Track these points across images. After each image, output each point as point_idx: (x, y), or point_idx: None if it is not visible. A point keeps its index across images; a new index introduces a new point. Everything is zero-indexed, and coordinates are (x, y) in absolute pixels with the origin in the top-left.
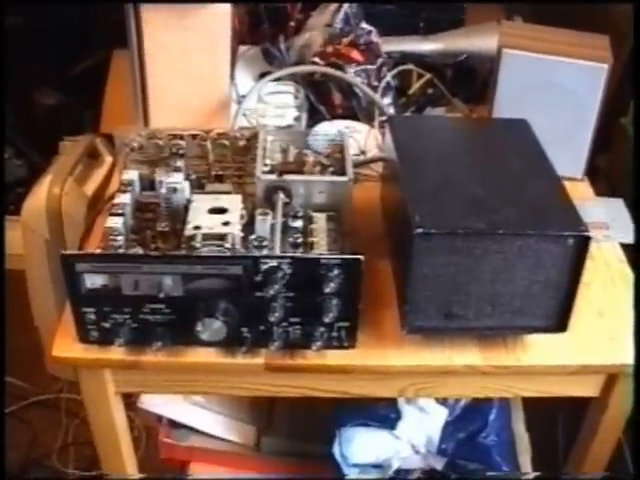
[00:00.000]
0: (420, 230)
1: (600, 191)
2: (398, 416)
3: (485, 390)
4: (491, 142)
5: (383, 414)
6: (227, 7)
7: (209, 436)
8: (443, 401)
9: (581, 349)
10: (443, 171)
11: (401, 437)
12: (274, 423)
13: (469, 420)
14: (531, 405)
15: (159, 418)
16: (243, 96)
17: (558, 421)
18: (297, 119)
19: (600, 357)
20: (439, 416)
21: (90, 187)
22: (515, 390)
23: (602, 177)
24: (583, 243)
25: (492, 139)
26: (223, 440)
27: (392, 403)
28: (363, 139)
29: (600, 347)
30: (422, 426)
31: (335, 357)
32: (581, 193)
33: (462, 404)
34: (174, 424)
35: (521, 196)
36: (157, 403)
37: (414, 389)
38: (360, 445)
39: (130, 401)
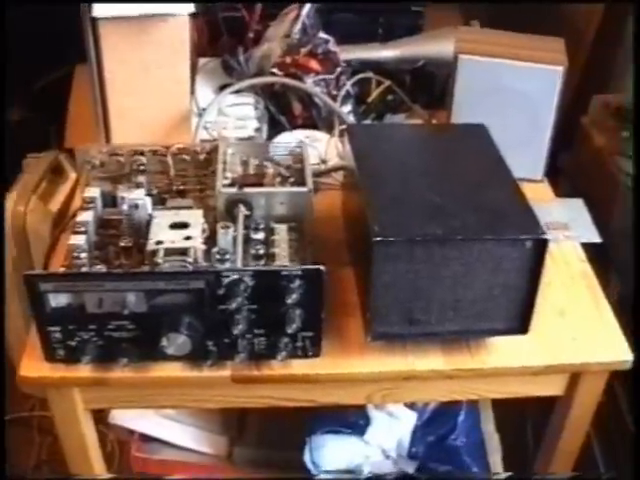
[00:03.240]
0: (379, 238)
1: (563, 191)
2: (367, 422)
3: (451, 393)
4: (449, 148)
5: (353, 420)
6: (185, 20)
7: (181, 448)
8: (412, 405)
9: (544, 350)
10: (402, 178)
11: (371, 442)
12: (246, 433)
13: (438, 423)
14: (500, 405)
15: (131, 432)
16: (204, 109)
17: (527, 420)
18: (258, 130)
19: (563, 357)
20: (408, 420)
21: (55, 203)
22: (480, 392)
23: (564, 177)
24: (541, 246)
25: (450, 145)
26: (195, 452)
27: (361, 409)
28: (324, 148)
29: (562, 347)
30: (392, 431)
31: (300, 366)
32: (541, 194)
33: (431, 407)
34: (146, 438)
35: (479, 201)
36: (128, 418)
37: (380, 395)
38: (331, 452)
39: (102, 416)
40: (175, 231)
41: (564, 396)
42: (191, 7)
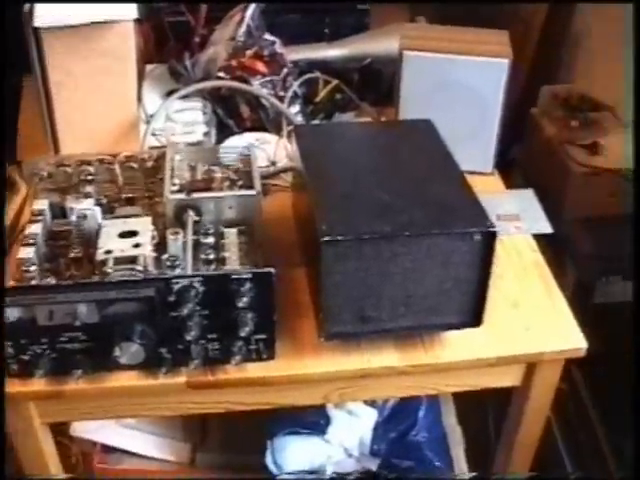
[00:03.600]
0: (327, 238)
1: (516, 183)
2: (328, 421)
3: (407, 389)
4: (396, 144)
5: (313, 421)
6: (129, 26)
7: (144, 457)
8: (372, 402)
9: (498, 341)
10: (350, 177)
11: (333, 442)
12: (208, 438)
13: (399, 419)
14: (462, 398)
15: (94, 444)
16: (151, 116)
17: (488, 412)
18: (206, 135)
19: (517, 347)
20: (369, 418)
21: (7, 216)
22: (436, 387)
23: (517, 169)
24: (490, 238)
25: (397, 141)
26: (158, 460)
27: (321, 409)
28: (273, 150)
29: (516, 337)
30: (353, 429)
31: (255, 369)
32: (492, 187)
33: (391, 404)
34: (108, 448)
35: (427, 196)
36: (89, 429)
37: (337, 394)
38: (293, 453)
39: (64, 429)
40: (124, 239)
41: (521, 386)
42: (134, 13)
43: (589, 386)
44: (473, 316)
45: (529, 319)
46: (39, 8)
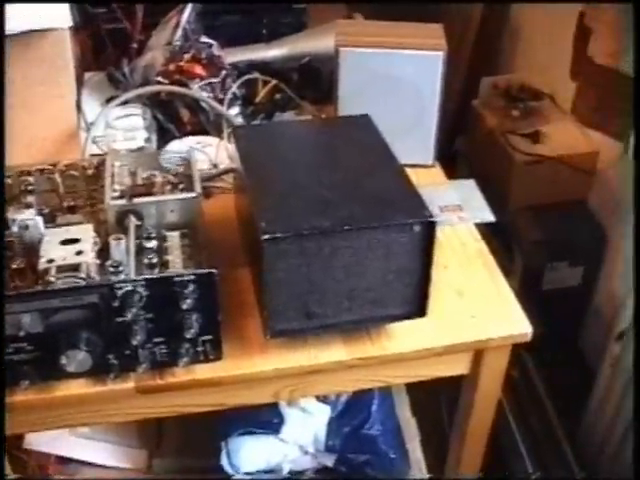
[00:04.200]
0: (267, 236)
1: (461, 174)
2: (281, 420)
3: (357, 383)
4: (335, 141)
5: (266, 420)
6: (65, 34)
7: (100, 466)
8: (325, 398)
9: (444, 330)
10: (289, 175)
11: (287, 440)
12: (164, 443)
13: (352, 413)
14: (415, 389)
15: (49, 455)
16: (91, 123)
17: (442, 401)
18: (148, 140)
19: (464, 336)
20: (322, 414)
21: None
22: (385, 379)
23: (461, 160)
24: (429, 228)
25: (336, 138)
26: (115, 468)
27: (274, 408)
28: (214, 152)
29: (463, 326)
30: (307, 426)
31: (203, 371)
32: (433, 178)
33: (344, 399)
34: (64, 459)
35: (366, 190)
36: (43, 441)
37: (288, 391)
38: (248, 453)
39: (19, 442)
40: (66, 247)
41: (470, 374)
42: (69, 21)
43: (540, 370)
44: (417, 307)
45: (474, 307)
46: None
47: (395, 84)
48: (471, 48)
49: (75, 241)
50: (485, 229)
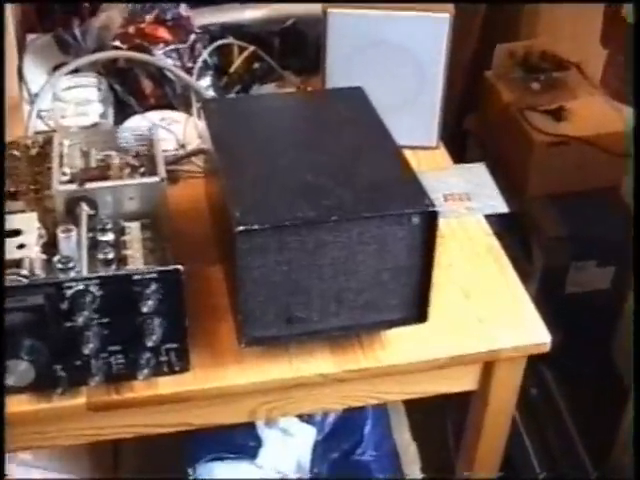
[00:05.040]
0: (241, 227)
1: (471, 157)
2: (259, 443)
3: (347, 400)
4: (322, 117)
5: (241, 443)
6: None
7: None
8: (309, 418)
9: (448, 338)
10: (268, 157)
11: (265, 466)
12: (121, 470)
13: (342, 436)
14: (415, 408)
15: None
16: (36, 95)
17: (447, 422)
18: (103, 116)
19: (471, 344)
20: (306, 436)
21: None
22: (380, 395)
23: (471, 141)
24: (430, 220)
25: (323, 114)
26: None
27: (250, 429)
28: (181, 130)
29: (470, 333)
30: (288, 450)
31: (167, 384)
32: (437, 162)
33: (332, 419)
34: None
35: (357, 175)
36: None
37: (265, 409)
38: None
39: None
40: (6, 240)
41: (478, 390)
42: None
43: (562, 386)
44: (417, 310)
45: (483, 311)
46: None
47: (392, 52)
48: (484, 10)
49: (16, 233)
50: (498, 222)
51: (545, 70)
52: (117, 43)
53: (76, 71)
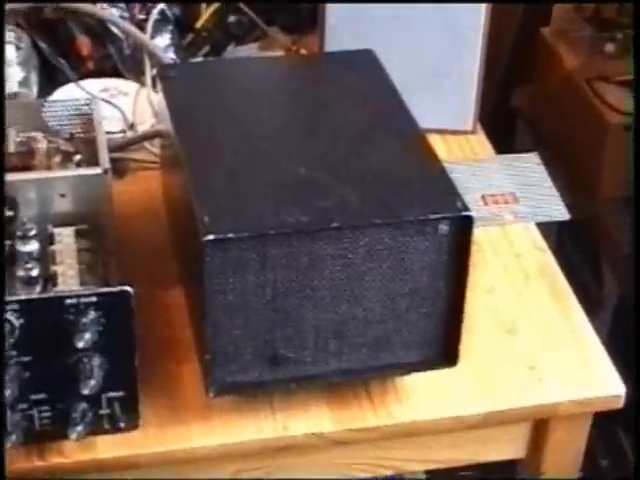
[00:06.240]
0: (211, 237)
1: (520, 144)
2: None
3: (349, 469)
4: (320, 90)
5: None
6: None
7: None
8: None
9: (486, 389)
10: (247, 143)
11: None
12: None
13: None
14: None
15: None
16: None
17: None
18: (24, 84)
19: (517, 397)
20: None
21: None
22: (395, 463)
23: (522, 123)
24: (463, 227)
25: (322, 85)
26: None
27: None
28: (131, 105)
29: (515, 381)
30: None
31: (109, 446)
32: (474, 151)
33: None
34: None
35: (365, 168)
36: None
37: None
38: None
39: None
40: None
41: (527, 458)
42: None
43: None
44: (444, 350)
45: (533, 353)
46: None
47: (415, 9)
48: None
49: None
50: (555, 232)
51: (622, 27)
52: None
53: None
